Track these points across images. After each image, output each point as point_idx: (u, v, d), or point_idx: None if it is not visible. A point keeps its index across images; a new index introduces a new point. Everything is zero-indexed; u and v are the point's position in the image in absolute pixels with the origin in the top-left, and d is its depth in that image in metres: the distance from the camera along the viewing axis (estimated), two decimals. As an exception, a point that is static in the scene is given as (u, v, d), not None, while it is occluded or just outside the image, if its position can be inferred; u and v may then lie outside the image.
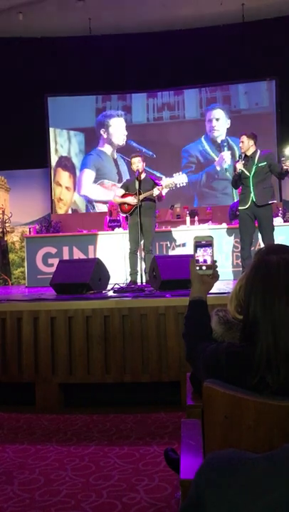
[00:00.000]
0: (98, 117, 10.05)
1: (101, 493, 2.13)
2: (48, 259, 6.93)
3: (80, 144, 10.14)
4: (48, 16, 9.07)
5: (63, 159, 10.10)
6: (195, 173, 9.63)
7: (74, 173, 10.11)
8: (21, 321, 3.60)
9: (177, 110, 9.97)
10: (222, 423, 1.06)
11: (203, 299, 1.44)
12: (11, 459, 2.59)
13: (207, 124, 9.83)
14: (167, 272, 4.22)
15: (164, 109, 9.96)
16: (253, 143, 5.24)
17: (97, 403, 3.51)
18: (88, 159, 10.08)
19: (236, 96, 9.81)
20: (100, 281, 4.52)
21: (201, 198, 9.59)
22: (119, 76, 9.48)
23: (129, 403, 3.45)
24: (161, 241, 6.83)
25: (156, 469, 2.36)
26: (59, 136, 10.09)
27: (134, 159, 5.60)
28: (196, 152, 9.82)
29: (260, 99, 9.71)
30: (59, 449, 2.70)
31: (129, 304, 3.54)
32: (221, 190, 9.56)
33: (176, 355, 3.39)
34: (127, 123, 9.97)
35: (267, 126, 9.35)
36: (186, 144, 9.85)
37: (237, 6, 8.98)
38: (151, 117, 10.04)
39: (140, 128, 9.99)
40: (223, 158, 9.66)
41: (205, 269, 1.43)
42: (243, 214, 5.32)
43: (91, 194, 9.97)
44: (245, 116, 9.68)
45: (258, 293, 1.07)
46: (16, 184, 9.50)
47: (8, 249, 8.77)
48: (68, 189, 10.11)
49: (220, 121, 9.78)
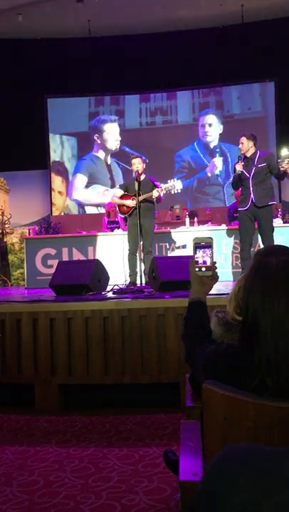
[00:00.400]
0: (92, 122, 10.06)
1: (100, 495, 2.13)
2: (47, 260, 6.92)
3: (73, 148, 10.15)
4: (48, 18, 9.07)
5: (56, 164, 10.11)
6: (187, 179, 9.63)
7: (67, 177, 10.12)
8: (21, 322, 3.60)
9: (170, 115, 9.98)
10: (221, 424, 1.05)
11: (202, 300, 1.43)
12: (10, 461, 2.58)
13: (200, 129, 9.85)
14: (167, 273, 4.22)
15: (156, 113, 9.97)
16: (252, 144, 5.25)
17: (96, 404, 3.50)
18: (81, 164, 10.10)
19: (229, 101, 9.83)
20: (100, 283, 4.52)
21: (194, 202, 9.60)
22: (118, 77, 9.49)
23: (128, 404, 3.45)
24: (161, 242, 6.83)
25: (155, 471, 2.36)
26: (52, 141, 10.10)
27: (134, 160, 5.61)
28: (188, 157, 9.83)
29: (252, 104, 9.73)
30: (58, 451, 2.69)
31: (129, 305, 3.54)
32: (213, 195, 9.59)
33: (175, 356, 3.39)
34: (120, 128, 9.98)
35: (259, 131, 9.31)
36: (178, 148, 9.88)
37: (236, 7, 8.99)
38: (144, 122, 10.05)
39: (133, 132, 10.00)
40: (215, 164, 9.67)
41: (204, 271, 1.43)
42: (242, 215, 5.32)
43: (82, 198, 9.99)
44: (238, 120, 9.70)
45: (257, 294, 1.07)
46: (15, 185, 9.50)
47: (7, 251, 8.77)
48: (61, 194, 10.12)
49: (212, 126, 9.79)
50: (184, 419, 1.55)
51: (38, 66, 9.46)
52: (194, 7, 8.99)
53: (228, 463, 0.72)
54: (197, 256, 1.44)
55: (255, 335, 1.06)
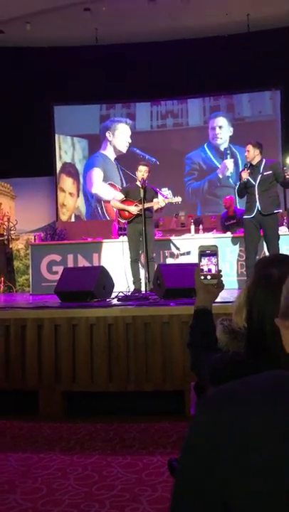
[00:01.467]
0: (105, 122, 10.14)
1: (104, 503, 2.11)
2: (52, 266, 6.93)
3: (84, 150, 10.23)
4: (55, 26, 9.16)
5: (67, 165, 10.17)
6: (198, 180, 9.68)
7: (78, 179, 10.17)
8: (25, 329, 3.60)
9: (181, 118, 10.04)
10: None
11: (208, 308, 1.43)
12: (13, 468, 2.57)
13: (210, 131, 9.89)
14: (171, 281, 4.21)
15: (167, 116, 10.04)
16: (258, 152, 5.26)
17: (100, 412, 3.49)
18: (95, 159, 10.15)
19: (240, 104, 9.87)
20: (105, 289, 4.52)
21: (204, 204, 9.62)
22: (125, 85, 9.54)
23: (132, 412, 3.43)
24: (166, 249, 6.83)
25: (159, 479, 2.34)
26: (63, 143, 10.18)
27: (142, 167, 5.58)
28: (199, 159, 9.87)
29: (263, 108, 9.77)
30: (62, 458, 2.68)
31: (133, 313, 3.54)
32: (225, 195, 9.60)
33: (180, 364, 3.37)
34: (131, 130, 10.05)
35: (270, 134, 9.39)
36: (189, 151, 9.91)
37: (242, 16, 9.04)
38: (155, 125, 10.11)
39: (144, 135, 10.06)
40: (226, 165, 9.70)
41: (210, 279, 1.43)
42: (248, 223, 5.32)
43: (101, 193, 10.02)
44: (249, 124, 9.74)
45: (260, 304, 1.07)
46: (21, 192, 9.55)
47: (13, 257, 8.80)
48: (72, 195, 10.17)
49: (223, 128, 9.84)
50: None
51: (45, 74, 9.53)
52: (200, 16, 9.05)
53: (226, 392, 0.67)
54: (202, 264, 1.44)
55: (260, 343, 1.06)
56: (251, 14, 9.01)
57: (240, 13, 8.97)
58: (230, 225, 7.36)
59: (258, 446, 0.58)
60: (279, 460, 0.57)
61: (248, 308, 1.12)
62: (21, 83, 9.57)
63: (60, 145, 10.18)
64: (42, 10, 8.72)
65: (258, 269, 1.15)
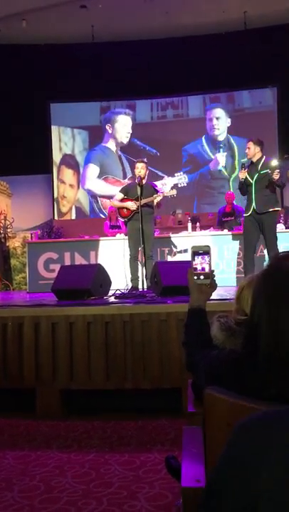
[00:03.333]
0: (106, 114, 10.15)
1: (101, 501, 2.11)
2: (49, 264, 6.93)
3: (84, 141, 10.23)
4: (52, 23, 9.13)
5: (67, 157, 10.17)
6: (191, 173, 9.74)
7: (78, 170, 10.18)
8: (22, 327, 3.60)
9: (181, 109, 10.06)
10: (224, 430, 1.05)
11: (202, 307, 1.44)
12: (11, 466, 2.57)
13: (207, 123, 9.93)
14: (169, 278, 4.21)
15: (167, 107, 10.07)
16: (259, 149, 5.24)
17: (97, 409, 3.49)
18: (92, 154, 10.15)
19: (240, 95, 9.92)
20: (102, 287, 4.52)
21: (200, 197, 9.67)
22: (121, 82, 9.53)
23: (130, 410, 3.44)
24: (163, 247, 6.83)
25: (157, 477, 2.35)
26: (63, 134, 10.16)
27: (138, 164, 5.60)
28: (194, 151, 9.91)
29: (263, 98, 9.81)
30: (59, 456, 2.68)
31: (131, 310, 3.53)
32: (219, 189, 9.63)
33: (177, 361, 3.38)
34: (132, 121, 10.07)
35: (270, 124, 9.45)
36: (188, 142, 9.94)
37: (239, 13, 9.03)
38: (155, 116, 10.14)
39: (144, 126, 10.08)
40: (218, 160, 9.74)
41: (203, 279, 1.45)
42: (246, 221, 5.33)
43: (95, 189, 10.03)
44: (249, 114, 9.80)
45: (263, 298, 1.06)
46: (18, 190, 9.53)
47: (9, 255, 8.78)
48: (72, 187, 10.18)
49: (220, 120, 9.87)
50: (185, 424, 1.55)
51: (41, 71, 9.51)
52: (197, 14, 9.04)
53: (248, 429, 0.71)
54: (196, 263, 1.45)
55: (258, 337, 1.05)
56: (248, 12, 9.01)
57: (237, 10, 8.97)
58: (227, 221, 7.36)
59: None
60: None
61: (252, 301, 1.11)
62: (17, 81, 9.54)
63: (60, 136, 10.17)
64: (38, 7, 8.70)
65: (271, 262, 1.14)
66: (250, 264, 5.29)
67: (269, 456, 0.66)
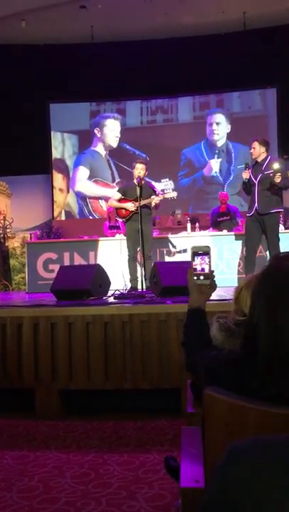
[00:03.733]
0: (95, 118, 10.17)
1: (100, 501, 2.11)
2: (48, 264, 6.92)
3: (74, 146, 10.25)
4: (51, 23, 9.13)
5: (57, 161, 10.21)
6: (187, 177, 9.78)
7: (68, 175, 10.21)
8: (22, 327, 3.60)
9: (170, 113, 10.08)
10: (223, 431, 1.05)
11: (202, 307, 1.44)
12: (10, 466, 2.57)
13: (207, 127, 9.96)
14: (168, 279, 4.21)
15: (157, 112, 10.09)
16: (264, 149, 5.23)
17: (97, 410, 3.49)
18: (82, 157, 10.18)
19: (230, 100, 9.94)
20: (101, 288, 4.51)
21: (196, 201, 9.71)
22: (120, 82, 9.54)
23: (129, 410, 3.44)
24: (162, 247, 6.83)
25: (156, 477, 2.34)
26: (53, 139, 10.18)
27: (138, 165, 5.58)
28: (191, 156, 9.94)
29: (252, 103, 9.85)
30: (58, 456, 2.68)
31: (130, 311, 3.53)
32: (213, 194, 9.65)
33: (176, 361, 3.38)
34: (121, 126, 10.08)
35: (259, 130, 9.45)
36: (179, 146, 10.01)
37: (238, 14, 9.04)
38: (145, 120, 10.15)
39: (134, 131, 10.10)
40: (211, 166, 9.77)
41: (202, 279, 1.45)
42: (248, 221, 5.33)
43: (85, 190, 10.04)
44: (238, 119, 9.83)
45: (265, 297, 1.06)
46: (17, 190, 9.53)
47: (9, 255, 8.78)
48: (62, 191, 10.20)
49: (220, 125, 9.89)
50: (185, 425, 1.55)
51: (40, 71, 9.51)
52: (196, 14, 9.05)
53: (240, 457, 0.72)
54: (195, 263, 1.46)
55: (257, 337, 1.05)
56: (247, 12, 9.02)
57: (237, 11, 8.97)
58: (222, 221, 7.35)
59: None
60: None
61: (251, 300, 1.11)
62: (16, 81, 9.54)
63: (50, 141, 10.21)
64: (37, 7, 8.70)
65: (271, 261, 1.14)
66: (250, 264, 5.28)
67: (254, 490, 0.68)
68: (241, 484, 0.68)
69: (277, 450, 0.71)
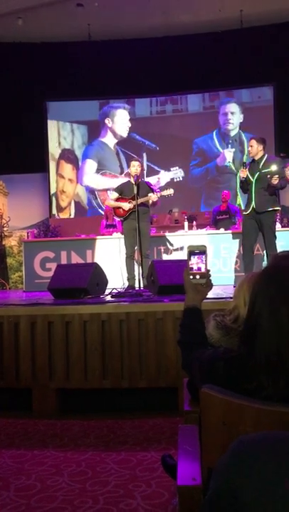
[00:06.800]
0: (104, 108, 10.15)
1: (98, 499, 2.12)
2: (45, 263, 6.91)
3: (84, 136, 10.23)
4: (48, 22, 9.10)
5: (66, 152, 10.18)
6: (200, 166, 9.78)
7: (77, 165, 10.19)
8: (18, 326, 3.59)
9: (180, 104, 10.09)
10: (220, 429, 1.05)
11: (198, 306, 1.44)
12: (7, 465, 2.57)
13: (221, 117, 9.99)
14: (165, 277, 4.21)
15: (166, 102, 10.10)
16: (262, 148, 5.23)
17: (94, 408, 3.49)
18: (89, 150, 10.15)
19: (239, 89, 9.93)
20: (98, 286, 4.51)
21: (208, 192, 9.70)
22: (117, 81, 9.52)
23: (126, 408, 3.44)
24: (159, 246, 6.83)
25: (153, 475, 2.35)
26: (62, 129, 10.14)
27: (134, 162, 5.59)
28: (204, 145, 9.97)
29: (262, 93, 9.84)
30: (56, 455, 2.68)
31: (127, 309, 3.53)
32: (225, 184, 9.65)
33: (173, 360, 3.38)
34: (130, 116, 10.07)
35: (269, 119, 9.49)
36: (189, 136, 10.01)
37: (235, 12, 9.04)
38: (154, 111, 10.15)
39: (143, 121, 10.10)
40: (225, 155, 9.78)
41: (198, 278, 1.45)
42: (245, 220, 5.33)
43: (93, 184, 10.02)
44: (248, 109, 9.83)
45: (264, 297, 1.06)
46: (14, 188, 9.50)
47: (6, 254, 8.76)
48: (71, 181, 10.18)
49: (234, 115, 9.92)
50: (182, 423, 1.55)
51: (37, 70, 9.48)
52: (194, 12, 9.04)
53: (244, 451, 0.72)
54: (192, 262, 1.46)
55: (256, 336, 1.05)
56: (244, 10, 9.01)
57: (234, 9, 8.97)
58: (221, 219, 7.36)
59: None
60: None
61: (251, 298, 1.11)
62: (13, 79, 9.51)
63: (59, 131, 10.17)
64: (34, 5, 8.68)
65: (272, 260, 1.13)
66: (249, 263, 5.29)
67: (261, 483, 0.68)
68: (248, 478, 0.68)
69: (286, 445, 0.71)
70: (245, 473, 0.70)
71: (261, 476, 0.68)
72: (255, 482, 0.68)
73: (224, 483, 0.72)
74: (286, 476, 0.67)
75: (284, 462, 0.68)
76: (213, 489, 0.74)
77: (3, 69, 9.52)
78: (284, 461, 0.68)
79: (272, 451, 0.71)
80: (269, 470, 0.68)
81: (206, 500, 0.76)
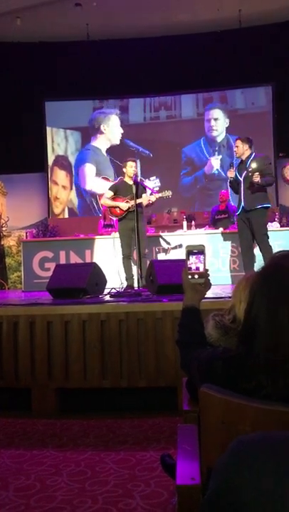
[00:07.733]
0: (94, 113, 10.11)
1: (97, 499, 2.12)
2: (44, 263, 6.91)
3: (77, 142, 10.20)
4: (46, 21, 9.09)
5: (60, 158, 10.14)
6: (189, 175, 9.75)
7: (70, 171, 10.15)
8: (18, 326, 3.59)
9: (174, 110, 10.05)
10: (219, 428, 1.05)
11: (196, 306, 1.44)
12: (6, 465, 2.57)
13: (206, 123, 9.92)
14: (164, 277, 4.22)
15: (160, 108, 10.05)
16: (247, 147, 5.23)
17: (93, 408, 3.49)
18: (86, 154, 10.12)
19: (233, 96, 9.91)
20: (97, 286, 4.51)
21: (199, 198, 9.68)
22: (116, 81, 9.51)
23: (125, 408, 3.44)
24: (158, 245, 6.83)
25: (152, 475, 2.35)
26: (56, 135, 10.12)
27: (131, 163, 5.57)
28: (192, 154, 9.92)
29: (256, 99, 9.82)
30: (55, 455, 2.68)
31: (126, 309, 3.53)
32: (216, 190, 9.64)
33: (173, 360, 3.38)
34: (123, 122, 10.07)
35: (264, 126, 9.45)
36: (183, 142, 9.97)
37: (234, 12, 9.03)
38: (148, 117, 10.12)
39: (137, 127, 10.05)
40: (211, 164, 9.75)
41: (197, 278, 1.45)
42: (238, 220, 5.34)
43: (96, 188, 10.00)
44: (242, 115, 9.80)
45: (264, 296, 1.05)
46: (13, 188, 9.49)
47: (4, 254, 8.75)
48: (65, 188, 10.14)
49: (218, 121, 9.87)
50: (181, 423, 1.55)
51: (36, 70, 9.47)
52: (192, 12, 9.03)
53: (244, 451, 0.73)
54: (190, 262, 1.46)
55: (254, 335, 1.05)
56: (243, 10, 9.01)
57: (232, 8, 8.97)
58: (219, 219, 7.36)
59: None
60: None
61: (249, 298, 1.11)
62: (11, 79, 9.50)
63: (52, 137, 10.14)
64: (32, 5, 8.66)
65: (271, 261, 1.13)
66: (249, 261, 5.28)
67: (261, 483, 0.69)
68: (248, 478, 0.69)
69: (286, 445, 0.71)
70: (245, 472, 0.70)
71: (260, 476, 0.68)
72: (254, 482, 0.68)
73: (223, 482, 0.72)
74: (285, 475, 0.67)
75: (283, 462, 0.69)
76: (212, 489, 0.75)
77: (1, 69, 9.51)
78: (283, 461, 0.69)
79: (271, 450, 0.71)
80: (268, 470, 0.68)
81: (205, 499, 0.76)
